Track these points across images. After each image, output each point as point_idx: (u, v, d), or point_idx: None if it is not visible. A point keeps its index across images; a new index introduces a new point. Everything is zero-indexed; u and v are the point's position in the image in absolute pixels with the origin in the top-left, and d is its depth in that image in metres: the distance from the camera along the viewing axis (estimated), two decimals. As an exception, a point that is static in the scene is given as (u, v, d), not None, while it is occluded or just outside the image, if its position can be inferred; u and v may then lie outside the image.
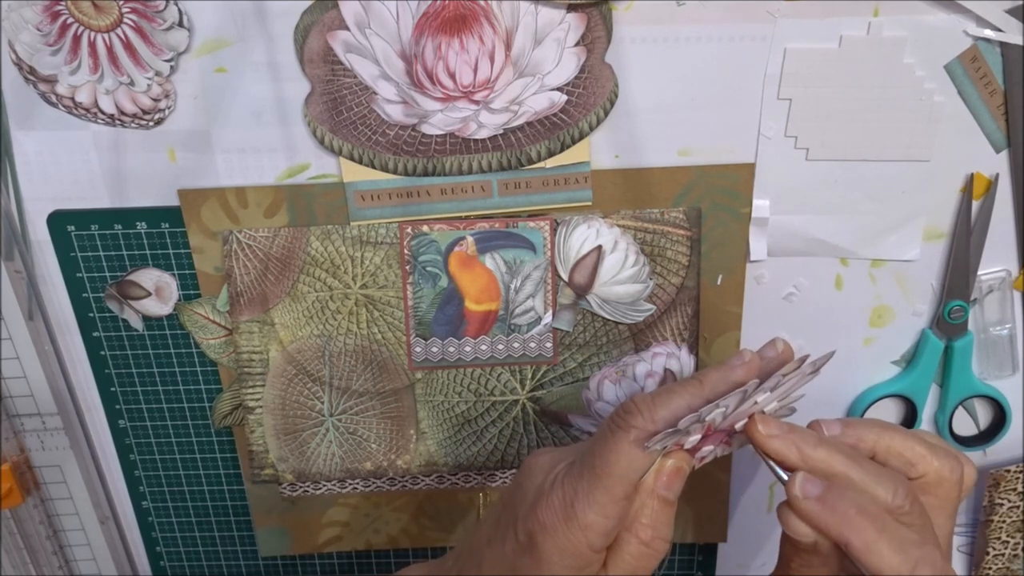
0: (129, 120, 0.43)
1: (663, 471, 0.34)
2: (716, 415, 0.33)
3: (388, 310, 0.47)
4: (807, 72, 0.41)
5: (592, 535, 0.33)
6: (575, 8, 0.40)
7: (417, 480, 0.52)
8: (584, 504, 0.33)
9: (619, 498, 0.33)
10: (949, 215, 0.45)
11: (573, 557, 0.33)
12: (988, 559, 0.52)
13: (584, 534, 0.33)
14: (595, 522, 0.33)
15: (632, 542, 0.34)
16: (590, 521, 0.33)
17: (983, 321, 0.47)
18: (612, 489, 0.33)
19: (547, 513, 0.33)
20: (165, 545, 0.55)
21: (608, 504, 0.33)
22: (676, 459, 0.34)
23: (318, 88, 0.42)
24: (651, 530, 0.34)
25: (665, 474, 0.34)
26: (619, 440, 0.33)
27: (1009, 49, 0.40)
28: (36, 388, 0.50)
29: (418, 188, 0.44)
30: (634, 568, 0.34)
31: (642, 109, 0.42)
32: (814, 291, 0.47)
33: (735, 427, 0.36)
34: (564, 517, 0.33)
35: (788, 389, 0.35)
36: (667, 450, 0.34)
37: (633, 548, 0.34)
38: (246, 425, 0.50)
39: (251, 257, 0.46)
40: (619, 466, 0.33)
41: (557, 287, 0.46)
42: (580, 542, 0.33)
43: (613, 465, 0.33)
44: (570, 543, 0.33)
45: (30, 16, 0.40)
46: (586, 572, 0.34)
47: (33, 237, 0.46)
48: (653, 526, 0.34)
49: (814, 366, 0.35)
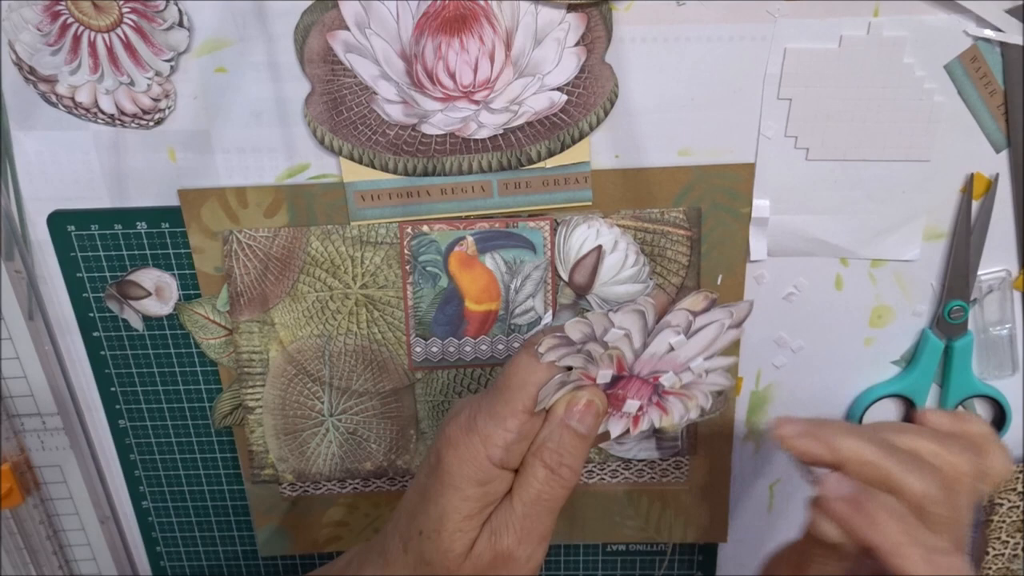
0: (129, 120, 0.43)
1: (573, 402, 0.35)
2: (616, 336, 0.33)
3: (388, 310, 0.47)
4: (807, 72, 0.41)
5: (490, 446, 0.34)
6: (575, 8, 0.40)
7: (417, 480, 0.52)
8: (484, 415, 0.34)
9: (518, 410, 0.34)
10: (949, 215, 0.45)
11: (472, 467, 0.34)
12: (988, 559, 0.52)
13: (483, 443, 0.34)
14: (493, 432, 0.34)
15: (537, 466, 0.35)
16: (489, 431, 0.34)
17: (983, 321, 0.47)
18: (511, 401, 0.34)
19: (452, 428, 0.35)
20: (165, 545, 0.55)
21: (507, 416, 0.34)
22: (589, 392, 0.35)
23: (318, 88, 0.42)
24: (556, 456, 0.34)
25: (575, 405, 0.35)
26: (519, 355, 0.35)
27: (1009, 49, 0.40)
28: (36, 388, 0.50)
29: (418, 188, 0.44)
30: (538, 494, 0.35)
31: (642, 109, 0.42)
32: (814, 291, 0.47)
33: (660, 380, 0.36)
34: (466, 429, 0.35)
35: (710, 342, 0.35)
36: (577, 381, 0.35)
37: (538, 472, 0.35)
38: (246, 425, 0.50)
39: (251, 257, 0.46)
40: (516, 377, 0.34)
41: (557, 287, 0.46)
42: (479, 452, 0.34)
43: (511, 377, 0.35)
44: (469, 452, 0.34)
45: (30, 16, 0.40)
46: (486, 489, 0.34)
47: (33, 237, 0.46)
48: (559, 452, 0.34)
49: (731, 315, 0.34)
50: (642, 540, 0.54)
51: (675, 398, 0.37)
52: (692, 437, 0.50)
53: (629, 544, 0.54)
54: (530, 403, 0.34)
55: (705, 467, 0.51)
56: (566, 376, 0.35)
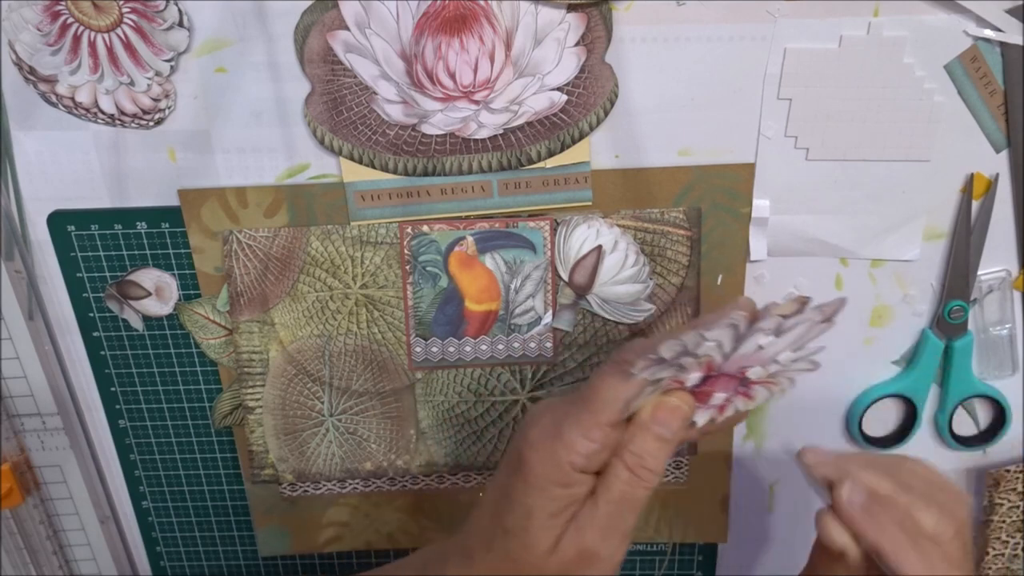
0: (129, 120, 0.43)
1: (660, 406, 0.35)
2: (708, 348, 0.33)
3: (388, 310, 0.47)
4: (807, 72, 0.41)
5: (574, 454, 0.34)
6: (575, 8, 0.40)
7: (417, 480, 0.52)
8: (569, 424, 0.35)
9: (602, 423, 0.34)
10: (949, 215, 0.45)
11: (555, 472, 0.35)
12: (988, 559, 0.52)
13: (567, 451, 0.34)
14: (577, 441, 0.34)
15: (620, 467, 0.35)
16: (572, 440, 0.34)
17: (983, 321, 0.47)
18: (596, 413, 0.35)
19: (536, 431, 0.35)
20: (165, 545, 0.55)
21: (591, 427, 0.34)
22: (676, 397, 0.36)
23: (318, 88, 0.42)
24: (637, 458, 0.35)
25: (661, 409, 0.35)
26: (607, 370, 0.35)
27: (1009, 49, 0.40)
28: (36, 388, 0.50)
29: (418, 188, 0.44)
30: (621, 495, 0.35)
31: (642, 109, 0.42)
32: (814, 291, 0.47)
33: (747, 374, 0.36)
34: (551, 435, 0.35)
35: (799, 338, 0.35)
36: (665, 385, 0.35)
37: (621, 473, 0.35)
38: (246, 425, 0.50)
39: (251, 257, 0.46)
40: (604, 391, 0.35)
41: (557, 287, 0.46)
42: (562, 459, 0.34)
43: (599, 391, 0.35)
44: (552, 459, 0.35)
45: (30, 16, 0.40)
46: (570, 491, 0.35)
47: (33, 237, 0.46)
48: (640, 454, 0.35)
49: (823, 312, 0.35)
50: (642, 540, 0.54)
51: (760, 386, 0.37)
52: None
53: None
54: (616, 417, 0.35)
55: (705, 467, 0.51)
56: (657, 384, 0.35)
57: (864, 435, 0.50)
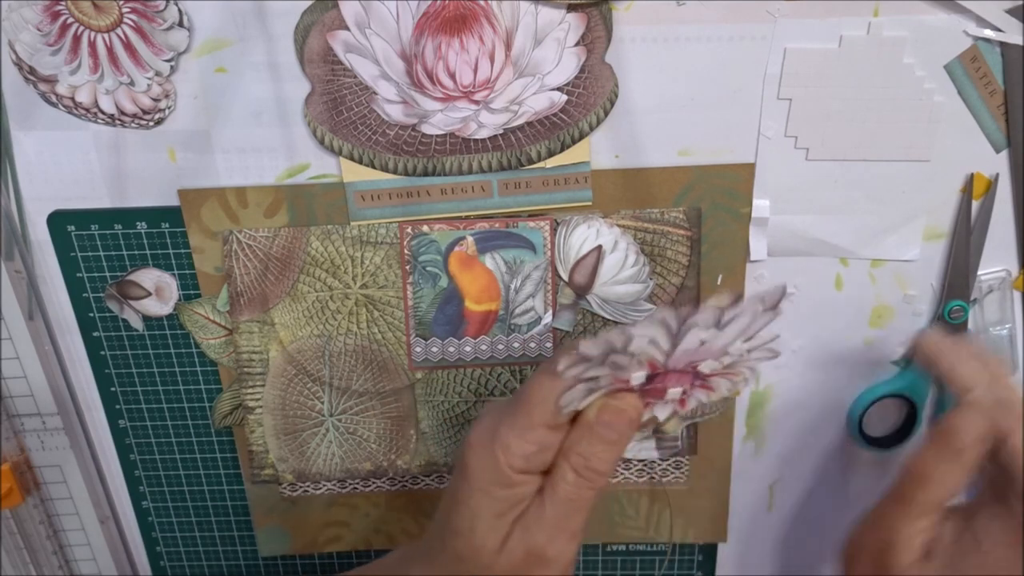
0: (129, 120, 0.43)
1: (604, 407, 0.36)
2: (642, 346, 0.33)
3: (388, 310, 0.47)
4: (807, 72, 0.41)
5: (511, 456, 0.35)
6: (575, 8, 0.40)
7: (417, 480, 0.52)
8: (506, 426, 0.35)
9: (536, 424, 0.35)
10: (949, 215, 0.45)
11: (494, 474, 0.35)
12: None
13: (504, 453, 0.35)
14: (513, 443, 0.35)
15: (565, 467, 0.35)
16: (509, 442, 0.35)
17: (983, 321, 0.47)
18: (530, 414, 0.35)
19: (476, 433, 0.36)
20: (165, 545, 0.55)
21: (527, 428, 0.35)
22: (620, 399, 0.36)
23: (318, 88, 0.42)
24: (583, 459, 0.35)
25: (605, 411, 0.36)
26: (538, 371, 0.36)
27: (1009, 49, 0.40)
28: (36, 388, 0.50)
29: (418, 188, 0.44)
30: (567, 495, 0.35)
31: (642, 109, 0.42)
32: (814, 291, 0.47)
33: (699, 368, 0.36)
34: (489, 438, 0.36)
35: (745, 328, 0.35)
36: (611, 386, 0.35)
37: (567, 475, 0.35)
38: (246, 425, 0.50)
39: (251, 257, 0.46)
40: (536, 392, 0.35)
41: (557, 287, 0.46)
42: (500, 460, 0.35)
43: (531, 391, 0.36)
44: (491, 460, 0.35)
45: (30, 16, 0.40)
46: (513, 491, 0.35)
47: (33, 237, 0.46)
48: (585, 456, 0.35)
49: (765, 303, 0.35)
50: (642, 540, 0.54)
51: (719, 378, 0.37)
52: (692, 437, 0.50)
53: (629, 544, 0.54)
54: (550, 418, 0.35)
55: (705, 467, 0.51)
56: (595, 382, 0.35)
57: (864, 435, 0.50)
